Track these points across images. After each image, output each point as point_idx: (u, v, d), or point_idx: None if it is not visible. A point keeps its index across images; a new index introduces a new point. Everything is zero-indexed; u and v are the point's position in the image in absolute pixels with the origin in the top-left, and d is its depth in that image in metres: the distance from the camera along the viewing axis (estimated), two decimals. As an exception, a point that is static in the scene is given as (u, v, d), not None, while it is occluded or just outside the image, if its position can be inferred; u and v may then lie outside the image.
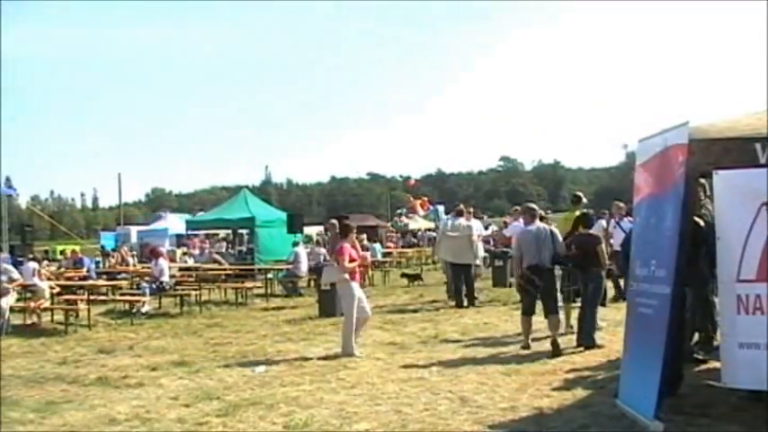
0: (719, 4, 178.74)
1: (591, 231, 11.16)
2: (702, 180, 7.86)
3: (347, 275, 10.88)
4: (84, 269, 23.26)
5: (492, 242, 19.93)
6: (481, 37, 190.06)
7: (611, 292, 14.27)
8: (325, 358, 10.50)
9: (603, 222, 15.46)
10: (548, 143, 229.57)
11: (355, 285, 10.98)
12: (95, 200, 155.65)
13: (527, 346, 10.52)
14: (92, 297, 16.44)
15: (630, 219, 13.60)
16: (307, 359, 10.48)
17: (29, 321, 15.79)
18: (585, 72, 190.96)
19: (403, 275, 23.08)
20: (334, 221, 15.90)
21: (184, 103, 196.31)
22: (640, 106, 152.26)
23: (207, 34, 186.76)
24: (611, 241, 14.69)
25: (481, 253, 16.76)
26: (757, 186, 6.25)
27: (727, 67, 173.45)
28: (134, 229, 44.60)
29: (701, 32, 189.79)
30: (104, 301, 17.94)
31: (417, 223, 48.46)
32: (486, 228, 19.41)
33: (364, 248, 13.16)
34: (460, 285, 15.87)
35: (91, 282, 19.89)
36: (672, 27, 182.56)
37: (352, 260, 10.98)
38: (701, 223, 7.81)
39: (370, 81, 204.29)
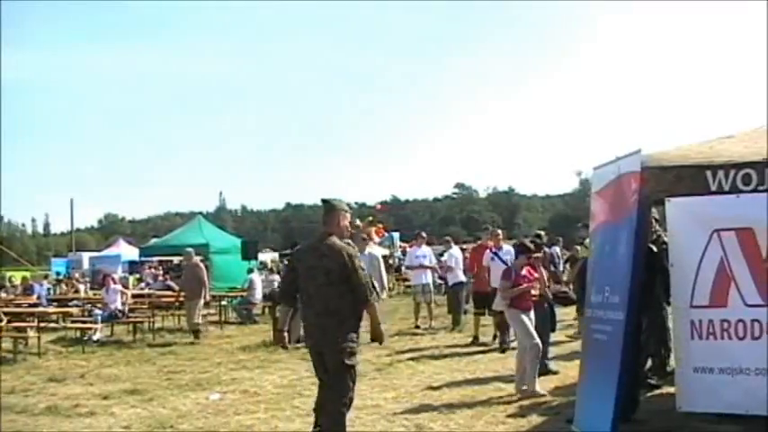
0: (671, 36, 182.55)
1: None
2: (654, 210, 7.96)
3: (507, 302, 9.59)
4: (35, 296, 22.82)
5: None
6: (433, 65, 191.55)
7: None
8: (279, 386, 10.40)
9: (557, 249, 15.58)
10: (502, 170, 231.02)
11: (523, 314, 9.44)
12: (47, 225, 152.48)
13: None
14: (42, 324, 16.12)
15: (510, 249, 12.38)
16: (261, 387, 10.38)
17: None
18: (538, 98, 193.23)
19: None
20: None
21: (137, 128, 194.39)
22: (593, 133, 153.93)
23: (160, 60, 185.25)
24: (488, 276, 13.33)
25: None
26: (709, 213, 6.40)
27: (679, 96, 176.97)
28: (86, 256, 44.10)
29: (653, 61, 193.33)
30: (55, 329, 17.60)
31: (372, 249, 47.85)
32: (442, 255, 19.32)
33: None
34: None
35: (41, 308, 19.46)
36: (624, 55, 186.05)
37: (516, 285, 9.49)
38: (654, 249, 7.91)
39: (323, 107, 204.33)
